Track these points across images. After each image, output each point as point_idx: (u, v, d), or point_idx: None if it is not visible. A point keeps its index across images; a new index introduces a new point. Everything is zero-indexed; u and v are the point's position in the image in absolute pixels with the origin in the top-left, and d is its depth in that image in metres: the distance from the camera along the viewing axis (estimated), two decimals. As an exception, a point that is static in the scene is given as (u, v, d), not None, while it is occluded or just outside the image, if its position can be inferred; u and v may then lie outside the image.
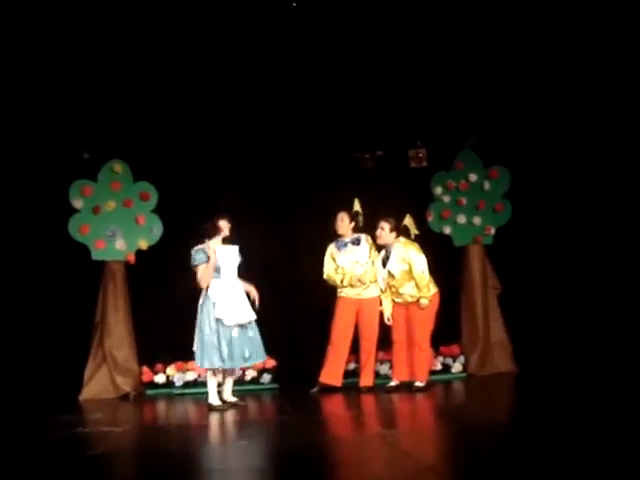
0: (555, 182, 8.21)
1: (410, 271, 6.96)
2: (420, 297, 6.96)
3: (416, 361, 7.04)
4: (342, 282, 7.21)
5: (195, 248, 6.40)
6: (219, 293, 6.34)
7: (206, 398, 6.29)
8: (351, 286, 7.20)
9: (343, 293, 7.27)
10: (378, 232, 7.09)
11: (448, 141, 8.17)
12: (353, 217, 7.31)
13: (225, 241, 6.56)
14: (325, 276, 7.34)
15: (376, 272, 7.16)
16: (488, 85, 7.93)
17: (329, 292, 7.36)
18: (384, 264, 7.08)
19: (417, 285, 6.97)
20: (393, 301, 7.15)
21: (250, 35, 7.34)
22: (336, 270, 7.28)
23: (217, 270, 6.38)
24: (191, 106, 7.89)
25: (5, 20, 6.71)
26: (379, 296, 7.19)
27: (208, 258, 6.31)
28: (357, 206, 7.34)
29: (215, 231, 6.46)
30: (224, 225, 6.51)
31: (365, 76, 7.83)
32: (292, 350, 7.94)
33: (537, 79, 7.84)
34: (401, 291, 7.06)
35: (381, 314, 7.18)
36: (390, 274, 7.02)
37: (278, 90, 7.90)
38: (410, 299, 7.03)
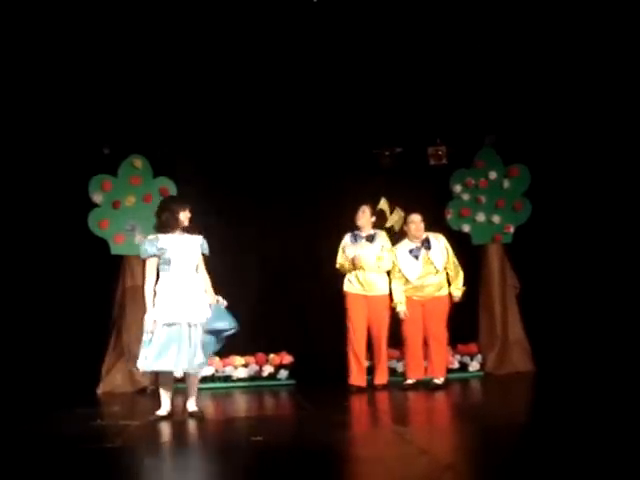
0: (575, 181, 8.15)
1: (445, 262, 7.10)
2: (454, 289, 7.07)
3: (435, 356, 7.03)
4: (348, 267, 7.13)
5: (149, 238, 5.80)
6: (164, 288, 5.63)
7: (226, 392, 6.29)
8: (354, 267, 7.09)
9: (350, 288, 7.16)
10: (420, 225, 7.12)
11: (468, 139, 8.15)
12: (375, 213, 7.28)
13: (188, 232, 5.85)
14: (337, 265, 7.28)
15: (399, 264, 7.13)
16: (508, 82, 7.89)
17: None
18: (416, 256, 7.07)
19: (451, 277, 7.08)
20: (407, 297, 7.12)
21: (271, 31, 7.36)
22: (346, 259, 7.20)
23: (167, 262, 5.65)
24: (211, 102, 7.91)
25: (27, 16, 6.76)
26: (388, 295, 7.15)
27: (159, 251, 5.64)
28: (383, 205, 7.32)
29: (175, 223, 5.73)
30: (184, 217, 5.76)
31: (385, 73, 7.82)
32: (309, 346, 7.94)
33: (558, 77, 7.79)
34: (426, 282, 7.05)
35: (392, 312, 7.15)
36: (432, 264, 7.05)
37: (298, 86, 7.91)
38: (436, 292, 7.04)
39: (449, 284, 7.15)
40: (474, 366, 7.95)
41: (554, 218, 8.15)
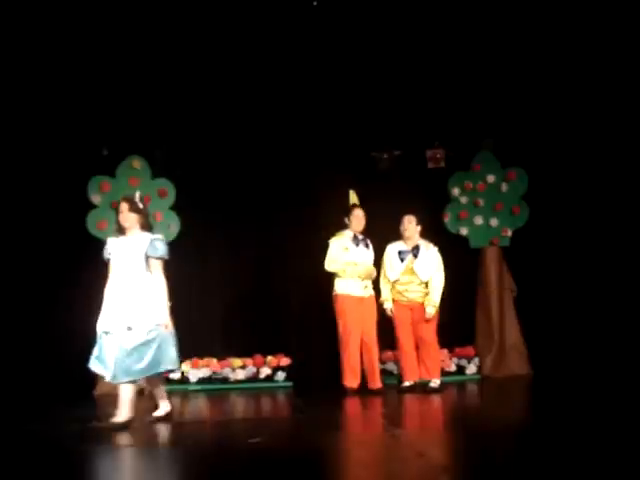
0: (573, 184, 8.17)
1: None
2: (429, 305, 6.99)
3: (429, 359, 7.05)
4: (352, 274, 7.08)
5: None
6: (106, 294, 5.35)
7: (223, 394, 6.29)
8: (360, 278, 7.08)
9: (351, 291, 7.11)
10: (407, 225, 7.09)
11: (466, 142, 8.17)
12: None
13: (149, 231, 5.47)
14: (329, 264, 7.11)
15: (386, 264, 7.14)
16: (506, 86, 7.91)
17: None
18: (402, 258, 7.07)
19: (430, 293, 7.01)
20: (395, 301, 7.13)
21: (270, 33, 7.37)
22: (346, 263, 7.13)
23: (112, 267, 5.39)
24: (209, 103, 7.92)
25: (26, 18, 6.77)
26: (373, 296, 7.16)
27: (109, 255, 5.41)
28: (354, 197, 7.30)
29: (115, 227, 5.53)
30: (121, 218, 5.40)
31: (384, 76, 7.84)
32: (306, 348, 7.95)
33: (556, 81, 7.81)
34: (410, 289, 7.06)
35: (379, 311, 7.15)
36: (414, 274, 7.03)
37: (296, 89, 7.92)
38: (419, 299, 7.04)
39: None
40: (471, 369, 7.97)
41: (552, 222, 8.17)
